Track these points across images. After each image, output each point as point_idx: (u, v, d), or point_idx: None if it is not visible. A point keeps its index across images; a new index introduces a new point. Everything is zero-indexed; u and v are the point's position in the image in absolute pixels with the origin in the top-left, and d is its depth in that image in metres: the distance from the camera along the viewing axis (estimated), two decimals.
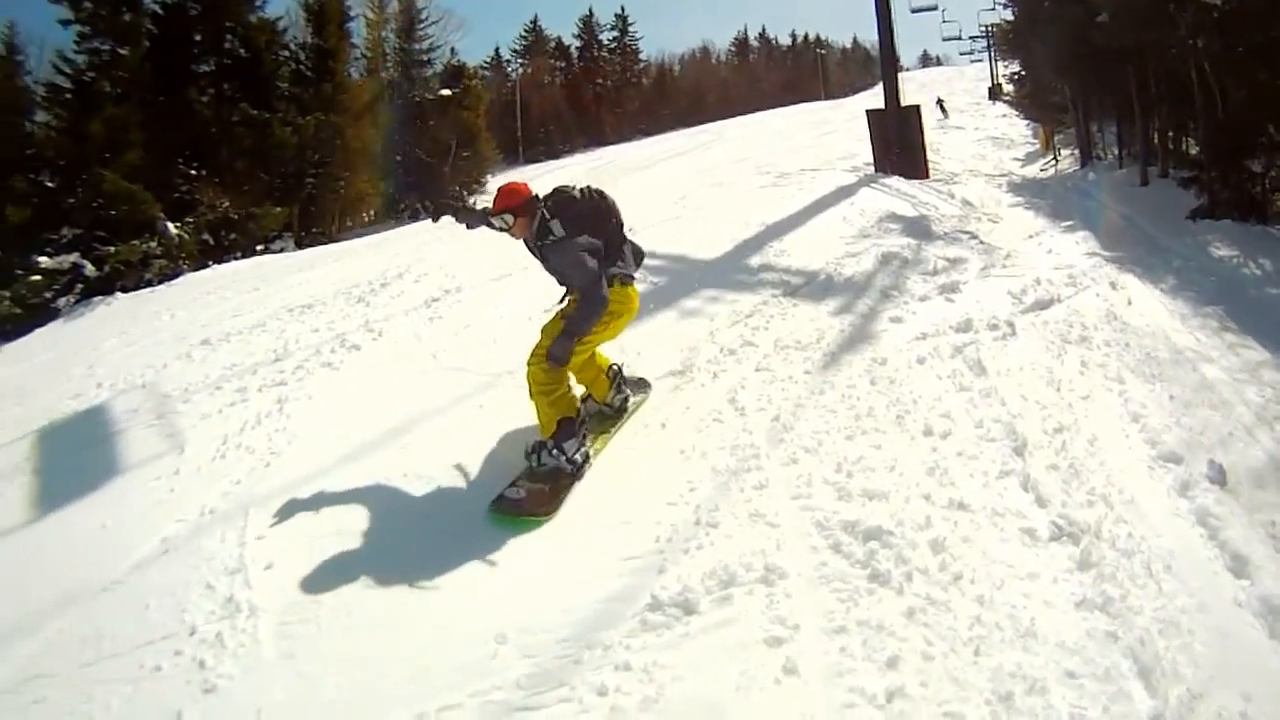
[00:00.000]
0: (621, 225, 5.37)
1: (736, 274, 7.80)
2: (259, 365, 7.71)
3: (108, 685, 3.81)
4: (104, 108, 22.84)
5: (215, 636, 4.02)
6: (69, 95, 24.56)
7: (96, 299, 18.86)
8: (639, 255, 5.47)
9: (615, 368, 5.49)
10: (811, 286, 7.25)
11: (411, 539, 4.50)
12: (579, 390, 5.29)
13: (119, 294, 18.64)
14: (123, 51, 25.43)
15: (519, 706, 3.12)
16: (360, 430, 5.96)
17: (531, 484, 4.58)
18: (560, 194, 5.33)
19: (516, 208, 5.23)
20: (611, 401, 5.39)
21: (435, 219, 5.86)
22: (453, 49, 44.59)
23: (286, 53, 30.74)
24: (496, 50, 61.56)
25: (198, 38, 26.96)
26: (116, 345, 11.95)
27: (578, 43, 64.03)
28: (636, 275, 5.37)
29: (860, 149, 15.36)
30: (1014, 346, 5.82)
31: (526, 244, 5.39)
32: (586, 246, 5.02)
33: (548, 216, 5.13)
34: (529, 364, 4.93)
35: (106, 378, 9.51)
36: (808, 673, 2.95)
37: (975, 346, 5.76)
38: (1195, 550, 3.72)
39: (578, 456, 4.75)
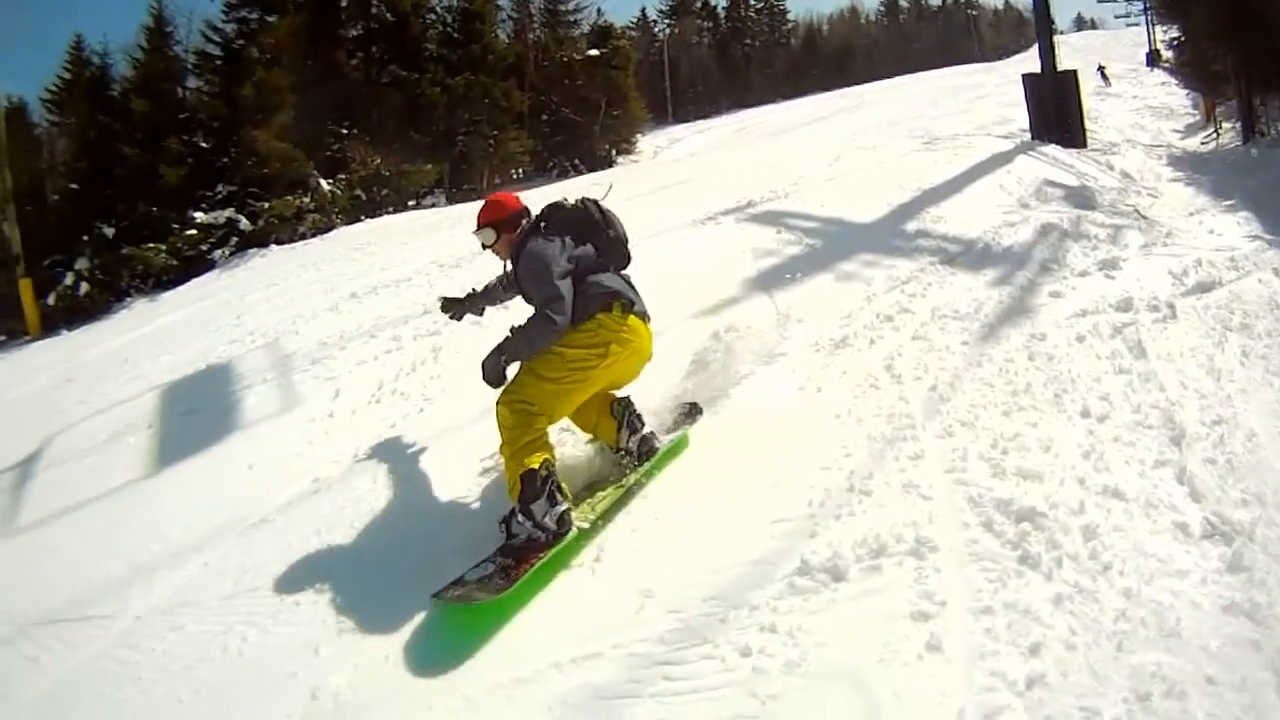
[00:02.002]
0: (623, 243, 4.82)
1: (893, 239, 7.62)
2: (409, 318, 7.86)
3: (246, 617, 3.98)
4: (254, 72, 23.76)
5: (359, 578, 4.13)
6: (219, 62, 25.62)
7: (251, 251, 19.72)
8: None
9: (621, 402, 4.60)
10: (969, 255, 7.05)
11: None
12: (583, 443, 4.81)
13: (273, 247, 19.46)
14: (270, 19, 26.35)
15: (661, 660, 3.13)
16: None
17: (503, 559, 3.90)
18: (550, 205, 4.73)
19: (500, 221, 4.72)
20: (627, 445, 4.50)
21: (458, 317, 5.43)
22: (599, 9, 44.46)
23: (433, 15, 31.37)
24: (643, 11, 61.80)
25: (344, 4, 27.70)
26: (269, 296, 12.40)
27: (724, 2, 62.85)
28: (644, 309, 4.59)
29: (1015, 114, 14.80)
30: (1174, 330, 5.50)
31: (504, 272, 4.95)
32: (561, 251, 4.39)
33: (533, 230, 4.55)
34: (497, 403, 4.23)
35: (258, 327, 9.87)
36: (951, 651, 2.87)
37: (1135, 327, 5.47)
38: None
39: (549, 520, 3.90)
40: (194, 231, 22.18)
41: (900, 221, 8.30)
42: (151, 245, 22.16)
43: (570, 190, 15.72)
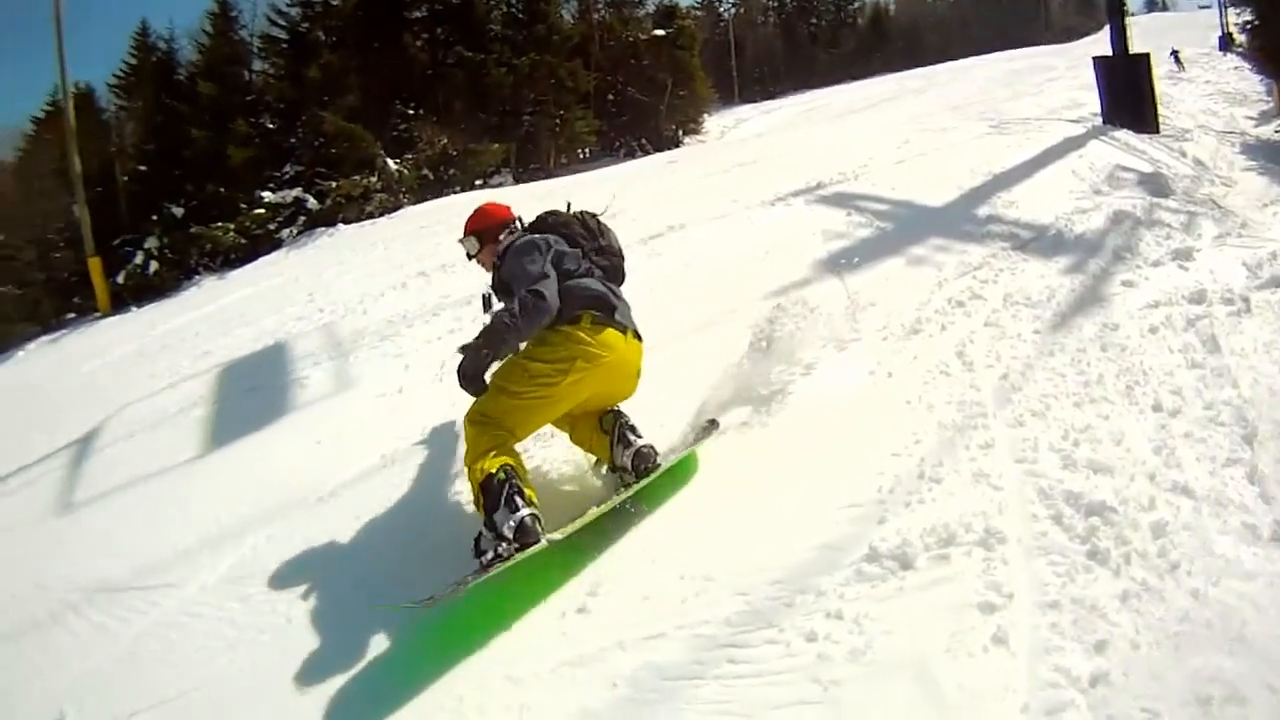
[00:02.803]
0: (615, 255, 4.65)
1: (964, 223, 7.54)
2: (472, 297, 7.92)
3: (308, 587, 4.10)
4: (320, 55, 24.07)
5: (423, 550, 4.26)
6: (285, 45, 25.95)
7: (319, 230, 20.00)
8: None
9: (611, 415, 4.32)
10: (1041, 241, 6.92)
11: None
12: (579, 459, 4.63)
13: (341, 226, 19.68)
14: (335, 2, 26.62)
15: (725, 643, 3.13)
16: None
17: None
18: (544, 212, 4.68)
19: (484, 230, 4.63)
20: (623, 462, 4.20)
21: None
22: None
23: None
24: None
25: None
26: (337, 274, 12.59)
27: None
28: (631, 325, 4.29)
29: (1086, 98, 14.48)
30: (1248, 325, 5.33)
31: (484, 294, 4.68)
32: (548, 248, 4.25)
33: (519, 235, 4.46)
34: (464, 419, 4.09)
35: (327, 304, 10.05)
36: (1016, 644, 2.84)
37: (1209, 320, 5.33)
38: None
39: (507, 529, 3.59)
40: (262, 211, 22.52)
41: (971, 206, 8.20)
42: (220, 224, 22.55)
43: (638, 170, 15.77)
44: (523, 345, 4.13)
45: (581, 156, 31.17)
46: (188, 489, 5.51)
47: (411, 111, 25.68)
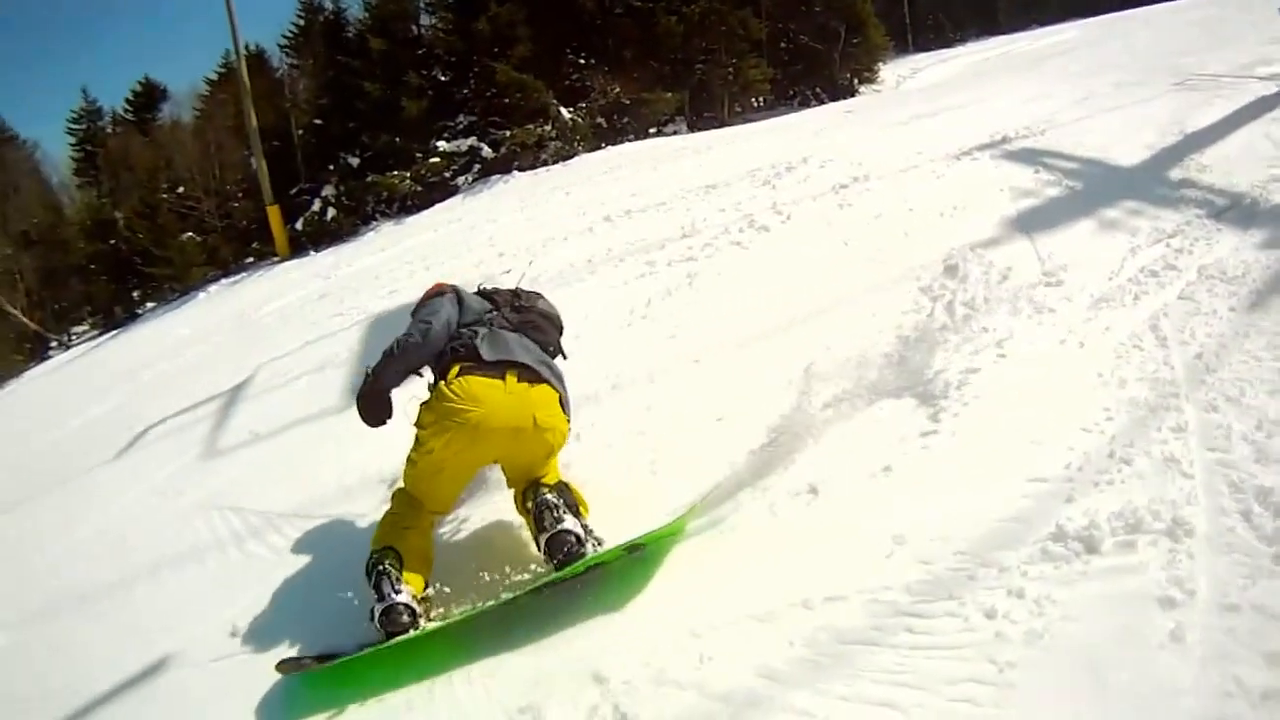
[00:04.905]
0: (535, 313, 4.42)
1: (1156, 186, 7.18)
2: (666, 241, 8.02)
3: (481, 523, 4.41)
4: (487, 7, 24.24)
5: (606, 496, 4.37)
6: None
7: (494, 178, 20.61)
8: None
9: (532, 490, 3.91)
10: (1237, 211, 6.51)
11: (815, 425, 4.62)
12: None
13: (515, 173, 20.19)
14: None
15: (904, 611, 3.14)
16: (769, 311, 6.17)
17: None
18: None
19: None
20: (541, 549, 3.75)
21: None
22: None
23: None
24: None
25: None
26: (518, 220, 12.94)
27: None
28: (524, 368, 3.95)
29: (1277, 54, 13.64)
30: None
31: None
32: (456, 298, 4.32)
33: None
34: None
35: (509, 248, 10.32)
36: (1192, 645, 2.72)
37: None
38: None
39: (376, 610, 3.57)
40: (437, 160, 23.16)
41: (1162, 167, 7.79)
42: (395, 173, 23.33)
43: (815, 120, 15.59)
44: (421, 379, 4.20)
45: (756, 105, 30.74)
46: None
47: (582, 61, 25.85)
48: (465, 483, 4.13)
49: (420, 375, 4.30)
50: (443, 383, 3.84)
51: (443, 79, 24.95)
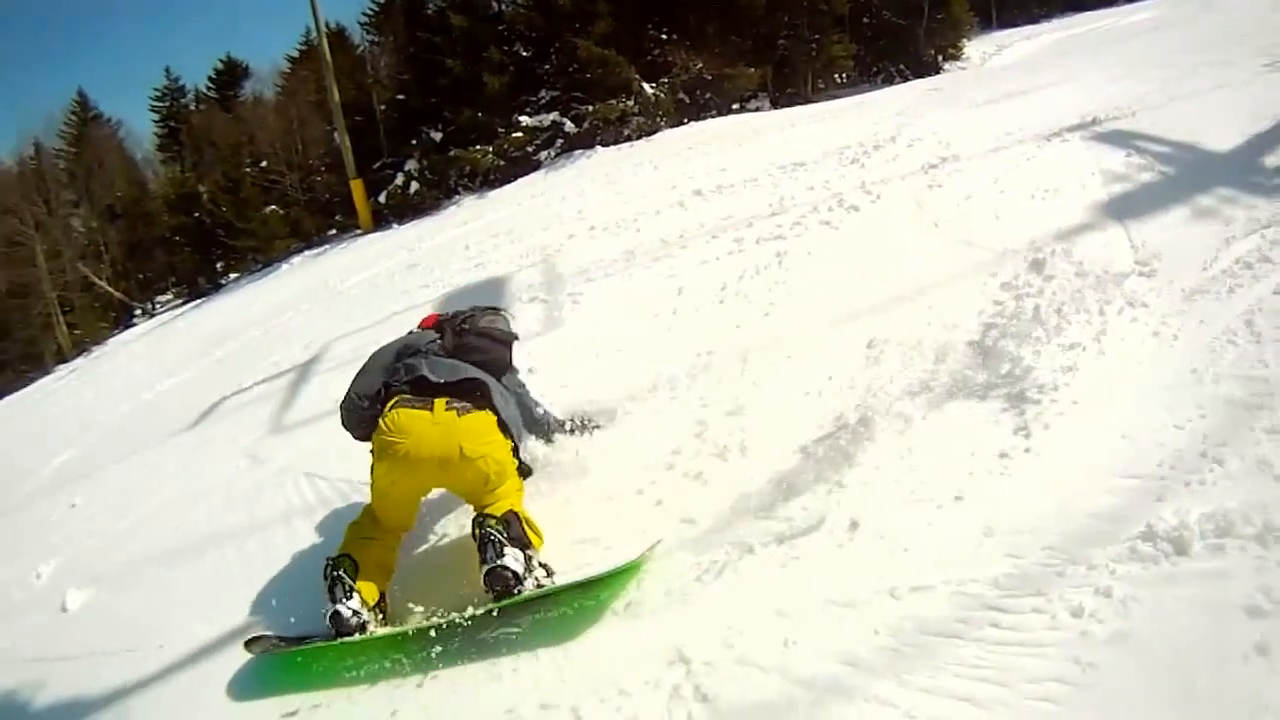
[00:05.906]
0: (472, 333, 4.42)
1: (1250, 174, 6.81)
2: (755, 218, 8.03)
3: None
4: None
5: (696, 475, 4.47)
6: None
7: (578, 152, 20.73)
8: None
9: (478, 520, 3.87)
10: None
11: (896, 410, 4.57)
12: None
13: (598, 148, 20.28)
14: None
15: (990, 605, 3.09)
16: (859, 292, 6.11)
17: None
18: None
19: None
20: (482, 579, 3.71)
21: None
22: None
23: None
24: None
25: None
26: (607, 194, 12.92)
27: None
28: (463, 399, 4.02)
29: None
30: None
31: None
32: (387, 348, 4.51)
33: None
34: None
35: (598, 221, 10.38)
36: (1277, 658, 2.62)
37: None
38: None
39: (325, 612, 3.77)
40: (519, 134, 23.31)
41: (1257, 154, 7.34)
42: (478, 148, 23.48)
43: (899, 97, 15.47)
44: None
45: (839, 81, 30.52)
46: None
47: (664, 36, 25.70)
48: (413, 506, 4.23)
49: None
50: (381, 417, 3.98)
51: (524, 54, 25.06)
